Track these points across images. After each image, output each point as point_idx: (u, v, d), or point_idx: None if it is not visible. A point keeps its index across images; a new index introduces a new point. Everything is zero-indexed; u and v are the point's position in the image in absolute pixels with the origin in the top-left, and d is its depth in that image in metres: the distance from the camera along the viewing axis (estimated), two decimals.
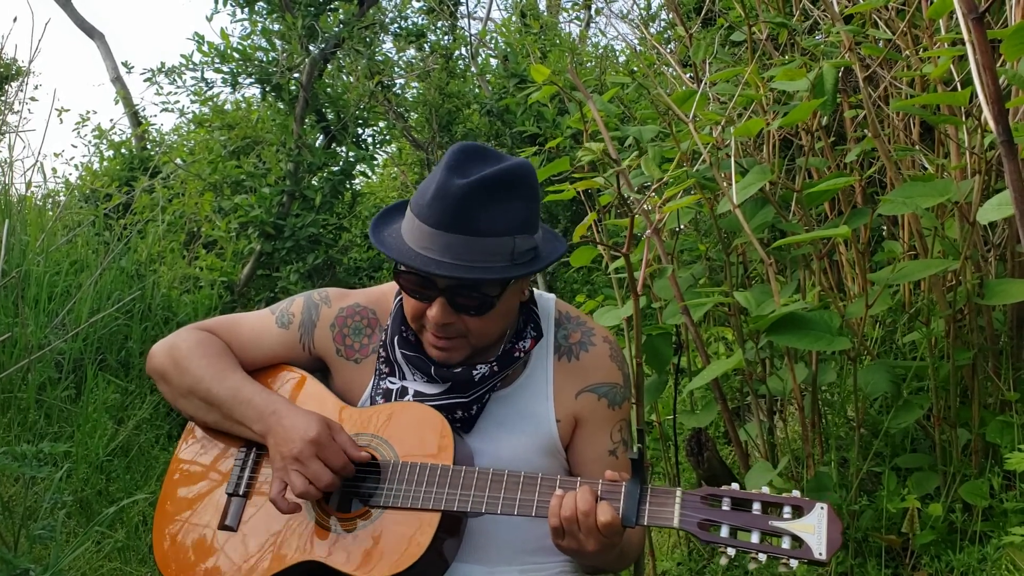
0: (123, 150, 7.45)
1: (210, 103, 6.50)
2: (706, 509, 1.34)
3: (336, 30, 5.66)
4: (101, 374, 3.47)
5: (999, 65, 1.89)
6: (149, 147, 7.83)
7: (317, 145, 5.86)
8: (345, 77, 6.58)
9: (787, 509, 1.31)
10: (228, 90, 5.88)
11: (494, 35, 8.56)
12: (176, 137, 7.94)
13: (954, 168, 2.24)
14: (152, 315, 4.12)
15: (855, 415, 2.20)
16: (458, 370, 1.53)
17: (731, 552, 1.30)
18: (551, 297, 1.69)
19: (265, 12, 5.67)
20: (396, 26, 6.72)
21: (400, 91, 7.05)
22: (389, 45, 7.03)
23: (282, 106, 5.74)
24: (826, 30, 2.63)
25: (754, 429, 2.47)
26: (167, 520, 1.61)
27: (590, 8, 9.79)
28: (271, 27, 5.65)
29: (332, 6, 5.74)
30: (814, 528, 1.28)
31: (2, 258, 3.02)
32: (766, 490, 1.34)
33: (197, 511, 1.59)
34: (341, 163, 5.91)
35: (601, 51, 8.28)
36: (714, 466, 2.40)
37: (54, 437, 3.11)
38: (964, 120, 2.11)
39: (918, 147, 2.47)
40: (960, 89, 2.09)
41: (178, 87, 6.16)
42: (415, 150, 7.28)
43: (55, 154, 11.42)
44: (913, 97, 2.25)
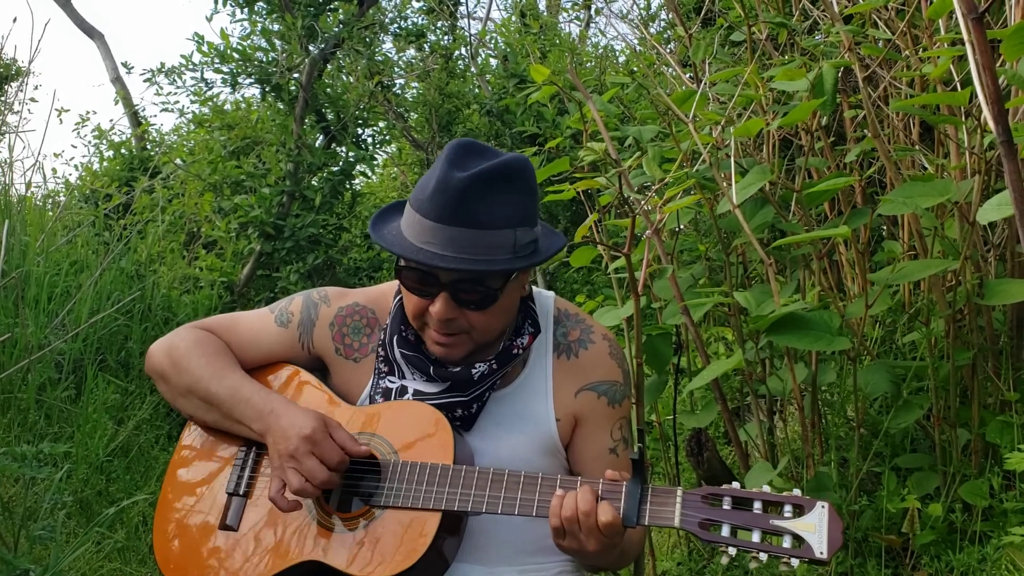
0: (123, 150, 7.45)
1: (210, 103, 6.50)
2: (707, 508, 1.34)
3: (336, 30, 5.66)
4: (101, 374, 3.47)
5: (999, 65, 1.89)
6: (149, 147, 7.83)
7: (317, 145, 5.86)
8: (345, 77, 6.58)
9: (788, 508, 1.31)
10: (228, 90, 5.89)
11: (494, 35, 8.56)
12: (176, 137, 7.94)
13: (954, 168, 2.24)
14: (152, 315, 4.12)
15: (855, 415, 2.20)
16: (457, 369, 1.53)
17: (732, 551, 1.30)
18: (550, 295, 1.68)
19: (265, 12, 5.68)
20: (396, 26, 6.71)
21: (400, 91, 7.05)
22: (389, 45, 7.04)
23: (282, 106, 5.74)
24: (826, 30, 2.63)
25: (754, 429, 2.47)
26: (167, 520, 1.60)
27: (590, 8, 9.79)
28: (271, 27, 5.65)
29: (332, 6, 5.74)
30: (815, 527, 1.28)
31: (2, 259, 3.02)
32: (767, 489, 1.34)
33: (198, 511, 1.59)
34: (341, 163, 5.91)
35: (601, 51, 8.29)
36: (714, 466, 2.40)
37: (54, 438, 3.11)
38: (964, 120, 2.11)
39: (918, 147, 2.47)
40: (960, 89, 2.09)
41: (178, 87, 6.16)
42: (415, 150, 7.28)
43: (55, 154, 11.45)
44: (913, 97, 2.25)
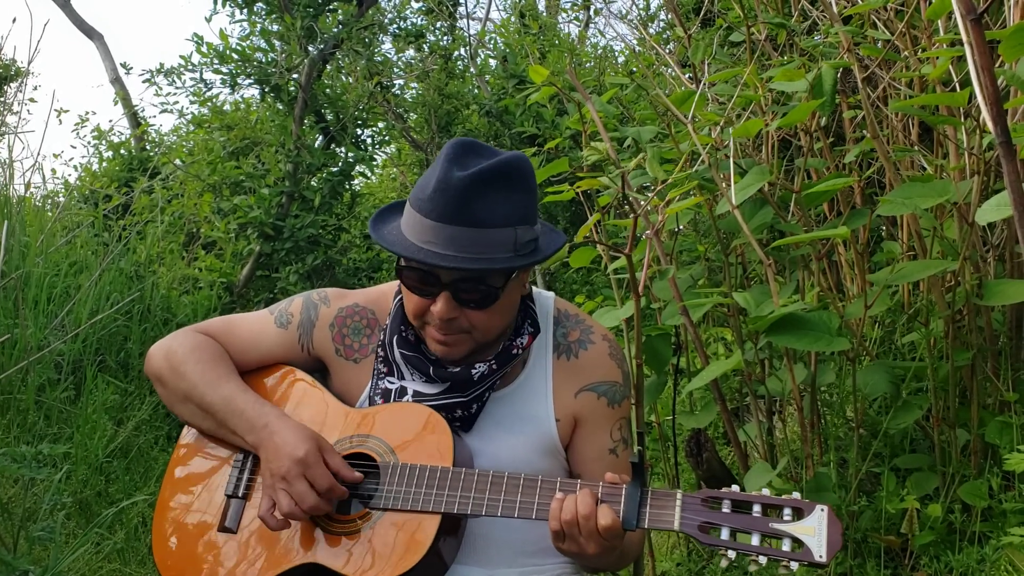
0: (122, 151, 7.45)
1: (209, 104, 6.50)
2: (706, 511, 1.34)
3: (335, 31, 5.66)
4: (100, 375, 3.47)
5: (997, 66, 1.88)
6: (148, 148, 7.83)
7: (316, 146, 5.86)
8: (344, 78, 6.58)
9: (787, 511, 1.31)
10: (227, 91, 5.88)
11: (493, 36, 8.56)
12: (175, 138, 7.95)
13: (953, 169, 2.24)
14: (151, 316, 4.12)
15: (854, 416, 2.20)
16: (457, 370, 1.52)
17: (731, 554, 1.30)
18: (550, 295, 1.68)
19: (264, 13, 5.68)
20: (395, 27, 6.71)
21: (399, 92, 7.04)
22: (388, 46, 7.03)
23: (281, 107, 5.74)
24: (825, 31, 2.63)
25: (753, 430, 2.46)
26: (166, 521, 1.60)
27: (589, 9, 9.80)
28: (270, 28, 5.65)
29: (331, 7, 5.74)
30: (814, 530, 1.28)
31: (1, 259, 3.02)
32: (766, 492, 1.34)
33: (196, 512, 1.59)
34: (340, 164, 5.91)
35: (600, 52, 8.29)
36: (713, 467, 2.40)
37: (53, 438, 3.11)
38: (963, 121, 2.10)
39: (917, 148, 2.47)
40: (959, 90, 2.09)
41: (177, 88, 6.15)
42: (414, 151, 7.28)
43: (54, 155, 11.44)
44: (912, 98, 2.24)
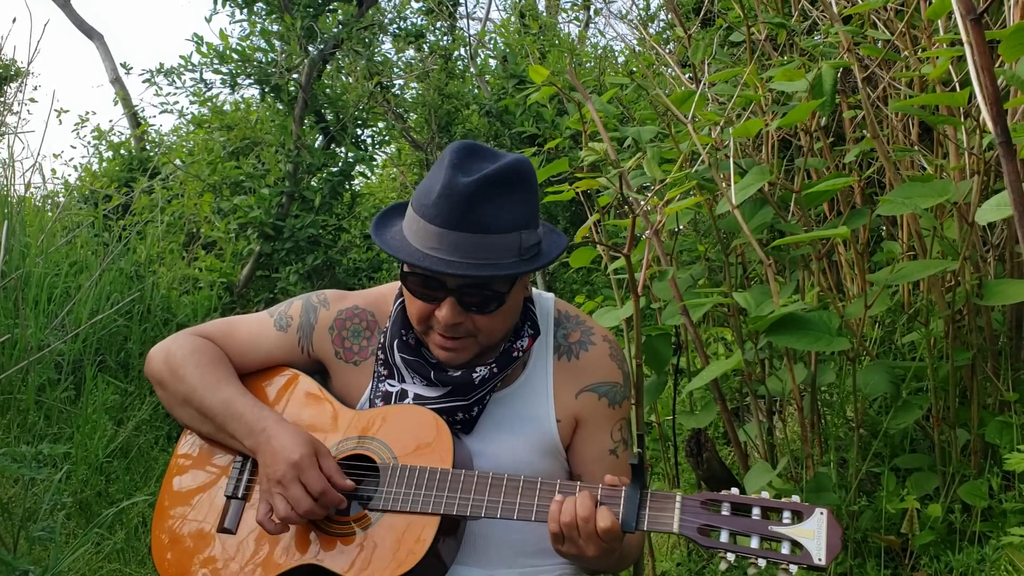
0: (122, 151, 7.45)
1: (209, 104, 6.50)
2: (706, 514, 1.33)
3: (335, 31, 5.66)
4: (100, 375, 3.47)
5: (997, 66, 1.88)
6: (148, 148, 7.83)
7: (316, 146, 5.86)
8: (344, 78, 6.57)
9: (787, 514, 1.31)
10: (227, 91, 5.88)
11: (493, 36, 8.55)
12: (175, 138, 7.95)
13: (953, 169, 2.24)
14: (151, 316, 4.12)
15: (854, 416, 2.20)
16: (457, 373, 1.52)
17: (731, 557, 1.30)
18: (550, 296, 1.68)
19: (264, 13, 5.68)
20: (395, 27, 6.71)
21: (399, 92, 7.04)
22: (388, 46, 7.02)
23: (281, 107, 5.74)
24: (825, 31, 2.62)
25: (753, 430, 2.46)
26: (166, 522, 1.60)
27: (589, 9, 9.79)
28: (270, 28, 5.65)
29: (331, 7, 5.74)
30: (814, 533, 1.28)
31: (1, 259, 3.02)
32: (766, 495, 1.34)
33: (196, 513, 1.59)
34: (340, 164, 5.91)
35: (600, 52, 8.28)
36: (713, 467, 2.40)
37: (53, 438, 3.11)
38: (963, 121, 2.10)
39: (917, 147, 2.47)
40: (959, 90, 2.09)
41: (177, 88, 6.15)
42: (414, 151, 7.27)
43: (54, 155, 11.43)
44: (912, 97, 2.24)
